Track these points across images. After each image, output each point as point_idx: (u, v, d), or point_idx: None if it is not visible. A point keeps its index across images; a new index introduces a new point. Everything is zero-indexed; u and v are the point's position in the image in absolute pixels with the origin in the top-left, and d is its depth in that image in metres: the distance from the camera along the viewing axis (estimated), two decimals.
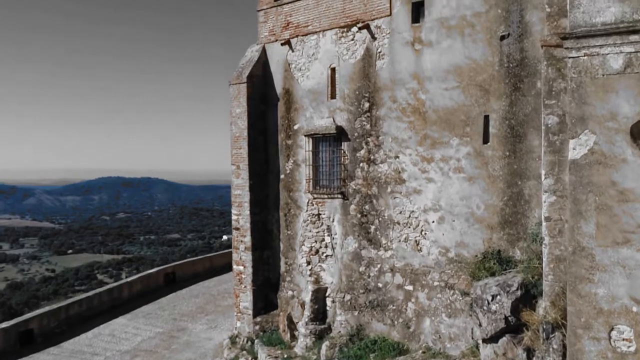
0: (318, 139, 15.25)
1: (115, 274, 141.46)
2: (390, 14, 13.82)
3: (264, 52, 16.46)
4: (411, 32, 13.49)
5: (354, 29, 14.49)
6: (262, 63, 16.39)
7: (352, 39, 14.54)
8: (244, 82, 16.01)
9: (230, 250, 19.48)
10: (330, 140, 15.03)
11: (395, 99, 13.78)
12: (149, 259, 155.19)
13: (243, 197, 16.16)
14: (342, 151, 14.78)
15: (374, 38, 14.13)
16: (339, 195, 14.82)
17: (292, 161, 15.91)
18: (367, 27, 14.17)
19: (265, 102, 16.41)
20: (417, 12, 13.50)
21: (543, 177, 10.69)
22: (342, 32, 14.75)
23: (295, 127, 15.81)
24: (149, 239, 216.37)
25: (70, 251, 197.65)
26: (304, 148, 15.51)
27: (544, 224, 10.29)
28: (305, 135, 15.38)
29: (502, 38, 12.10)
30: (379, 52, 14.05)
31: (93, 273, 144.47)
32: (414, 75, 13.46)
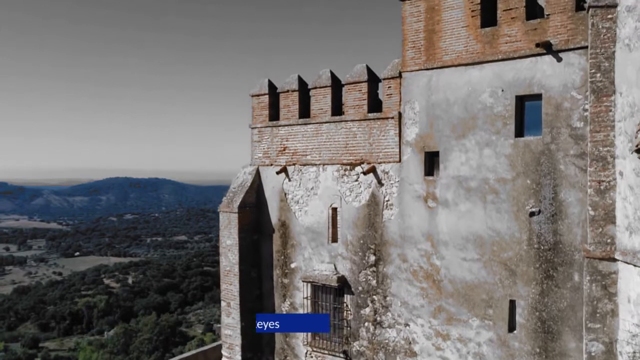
0: (317, 287, 13.49)
1: (122, 279, 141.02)
2: (400, 161, 12.01)
3: (257, 175, 14.69)
4: (424, 185, 11.68)
5: (358, 168, 12.70)
6: (256, 188, 14.64)
7: (356, 180, 12.75)
8: (235, 212, 14.27)
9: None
10: (331, 290, 13.27)
11: (406, 259, 12.00)
12: (155, 263, 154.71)
13: (234, 339, 14.45)
14: (345, 305, 13.03)
15: (380, 184, 12.34)
16: (341, 355, 13.08)
17: (288, 302, 14.18)
18: (373, 170, 12.38)
19: (259, 231, 14.66)
20: (431, 163, 11.70)
21: None
22: (345, 170, 12.96)
23: (292, 265, 14.05)
24: (156, 241, 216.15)
25: (77, 253, 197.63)
26: (302, 292, 13.76)
27: None
28: (303, 281, 13.63)
29: (532, 214, 10.26)
30: (387, 201, 12.26)
31: (100, 277, 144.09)
32: (427, 235, 11.66)
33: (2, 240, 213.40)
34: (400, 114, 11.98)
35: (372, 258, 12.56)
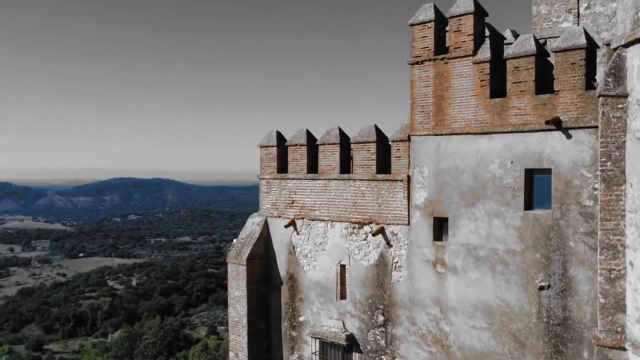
0: (326, 343, 13.55)
1: (126, 280, 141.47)
2: (409, 224, 12.06)
3: (266, 226, 14.76)
4: (433, 250, 11.73)
5: (367, 228, 12.75)
6: (264, 239, 14.70)
7: (365, 239, 12.80)
8: (243, 264, 14.34)
9: None
10: (339, 347, 13.33)
11: (414, 322, 12.05)
12: (159, 264, 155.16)
13: None
14: None
15: (389, 245, 12.39)
16: None
17: (297, 355, 14.25)
18: (382, 231, 12.42)
19: (267, 283, 14.73)
20: (440, 228, 11.74)
21: None
22: (354, 228, 13.01)
23: (301, 319, 14.12)
24: (159, 242, 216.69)
25: (81, 254, 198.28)
26: (310, 346, 13.82)
27: None
28: (312, 337, 13.69)
29: (542, 288, 10.31)
30: (396, 262, 12.30)
31: (103, 279, 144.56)
32: (436, 300, 11.71)
33: (7, 241, 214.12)
34: (409, 177, 12.02)
35: (381, 318, 12.61)
